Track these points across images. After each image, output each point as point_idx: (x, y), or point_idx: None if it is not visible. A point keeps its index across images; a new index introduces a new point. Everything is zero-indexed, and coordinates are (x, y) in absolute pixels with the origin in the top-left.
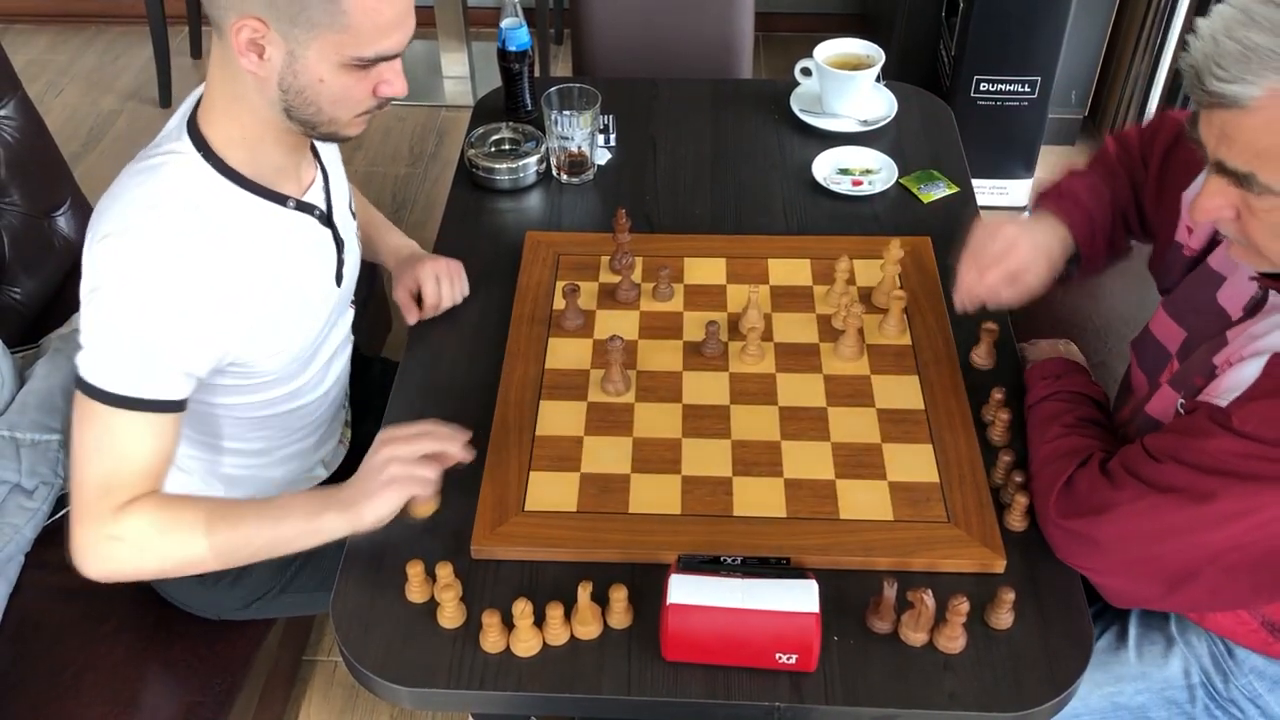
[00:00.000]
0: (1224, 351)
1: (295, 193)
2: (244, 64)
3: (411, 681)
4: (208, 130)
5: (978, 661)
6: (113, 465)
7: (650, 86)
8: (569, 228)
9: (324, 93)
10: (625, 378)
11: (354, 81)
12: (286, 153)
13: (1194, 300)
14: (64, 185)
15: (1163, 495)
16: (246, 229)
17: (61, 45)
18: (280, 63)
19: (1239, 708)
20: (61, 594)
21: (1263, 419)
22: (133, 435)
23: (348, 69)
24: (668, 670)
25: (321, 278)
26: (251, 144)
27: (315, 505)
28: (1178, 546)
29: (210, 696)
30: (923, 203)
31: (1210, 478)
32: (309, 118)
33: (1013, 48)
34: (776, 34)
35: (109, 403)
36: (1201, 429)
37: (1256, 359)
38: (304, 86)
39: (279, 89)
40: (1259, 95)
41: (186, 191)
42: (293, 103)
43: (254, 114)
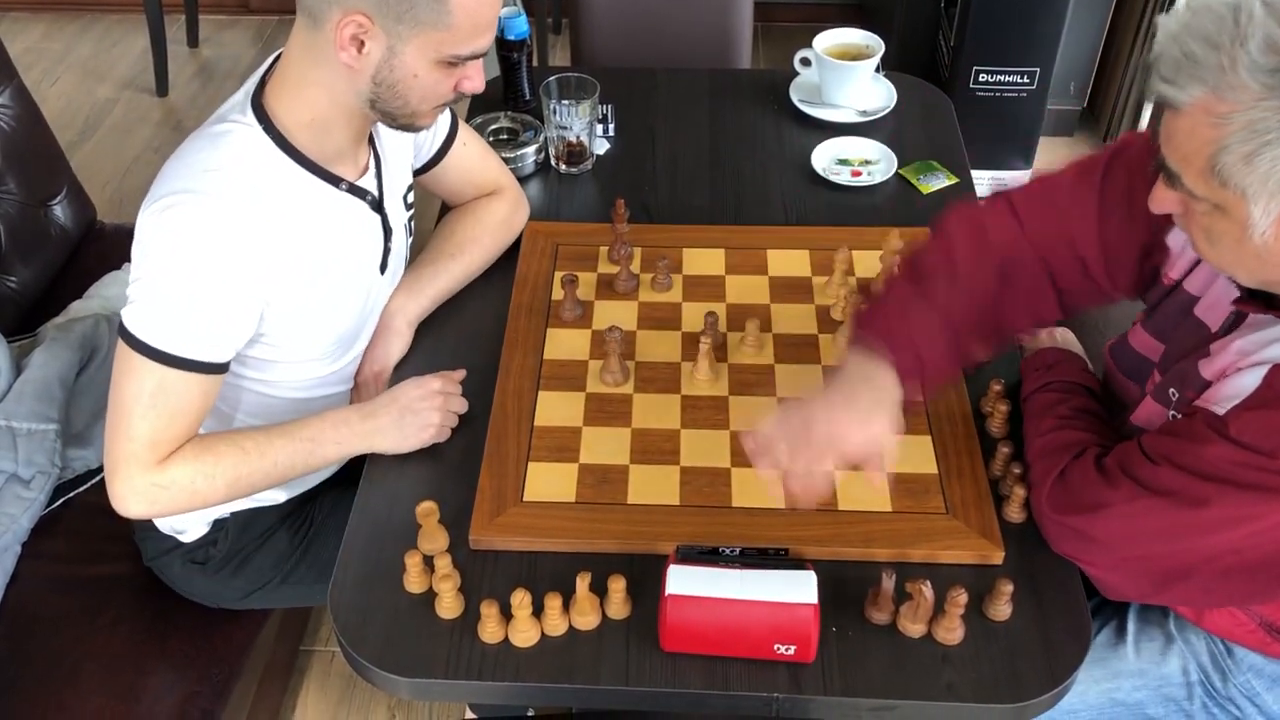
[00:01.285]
0: (1213, 364)
1: (351, 176)
2: (342, 57)
3: (409, 672)
4: (275, 107)
5: (976, 653)
6: (165, 422)
7: (649, 76)
8: (567, 218)
9: (415, 87)
10: (624, 368)
11: (443, 77)
12: (350, 138)
13: (1173, 317)
14: (60, 174)
15: (1157, 498)
16: (298, 205)
17: (57, 33)
18: (378, 57)
19: (1237, 706)
20: (59, 584)
21: (1260, 429)
22: (185, 394)
23: (440, 65)
24: (666, 661)
25: (367, 263)
26: (319, 127)
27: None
28: (1171, 548)
29: (208, 687)
30: (922, 194)
31: (1205, 484)
32: (394, 110)
33: (1012, 39)
34: (776, 24)
35: (163, 361)
36: (1198, 435)
37: (1256, 369)
38: (397, 80)
39: (371, 81)
40: (1188, 102)
41: (246, 161)
42: (382, 95)
43: (332, 100)
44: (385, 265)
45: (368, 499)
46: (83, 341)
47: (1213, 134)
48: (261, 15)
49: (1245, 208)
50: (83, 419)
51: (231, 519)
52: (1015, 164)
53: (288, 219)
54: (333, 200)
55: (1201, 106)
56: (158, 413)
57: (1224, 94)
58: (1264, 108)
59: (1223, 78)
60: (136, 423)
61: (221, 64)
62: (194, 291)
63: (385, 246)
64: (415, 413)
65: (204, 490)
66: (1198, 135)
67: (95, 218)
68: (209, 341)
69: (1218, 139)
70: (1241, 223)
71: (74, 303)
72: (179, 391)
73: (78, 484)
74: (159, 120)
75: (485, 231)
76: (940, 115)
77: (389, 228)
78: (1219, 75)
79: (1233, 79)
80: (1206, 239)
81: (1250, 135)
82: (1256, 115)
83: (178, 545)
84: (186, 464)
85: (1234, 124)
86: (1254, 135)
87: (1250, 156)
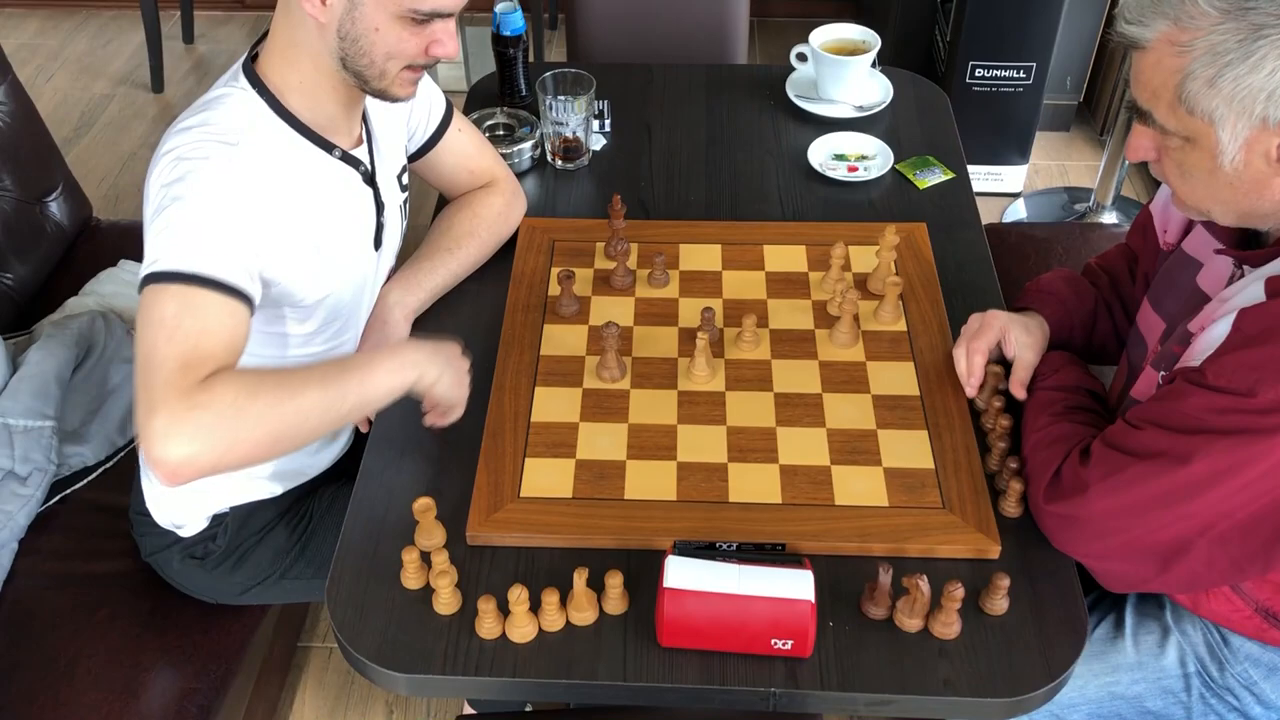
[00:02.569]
0: (1197, 319)
1: (344, 145)
2: (306, 8)
3: (407, 668)
4: (267, 73)
5: (972, 647)
6: (194, 341)
7: (645, 72)
8: (564, 214)
9: (378, 43)
10: (621, 364)
11: (408, 35)
12: (340, 106)
13: (1174, 287)
14: (55, 171)
15: (1143, 463)
16: (292, 166)
17: (52, 30)
18: (340, 9)
19: (1235, 695)
20: (56, 581)
21: (1235, 370)
22: (213, 313)
23: (403, 21)
24: (664, 656)
25: (359, 234)
26: (308, 90)
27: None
28: (1165, 518)
29: (205, 683)
30: (918, 189)
31: (1189, 437)
32: (362, 69)
33: (1008, 34)
34: (772, 19)
35: (188, 282)
36: (1178, 391)
37: (1226, 317)
38: (360, 34)
39: (337, 36)
40: (1152, 37)
41: (243, 120)
42: (348, 51)
43: (313, 61)
44: (379, 241)
45: (364, 495)
46: (79, 338)
47: (1177, 63)
48: (256, 10)
49: (1214, 134)
50: (79, 416)
51: (230, 514)
52: (1012, 159)
53: (283, 178)
54: (325, 165)
55: (1165, 39)
56: (184, 332)
57: (1185, 24)
58: (1222, 30)
59: (1182, 8)
60: (162, 348)
61: (217, 60)
62: (204, 216)
63: (378, 221)
64: (455, 369)
65: (248, 410)
66: (1163, 67)
67: (91, 214)
68: (229, 262)
69: (1182, 67)
70: (1211, 150)
71: (70, 299)
72: (201, 309)
73: (74, 480)
74: (154, 116)
75: (482, 225)
76: (937, 110)
77: (380, 202)
78: (1179, 7)
79: (1191, 8)
80: (1181, 175)
81: (1212, 59)
82: (1216, 39)
83: (176, 540)
84: (226, 380)
85: (1196, 50)
86: (1215, 58)
87: (1213, 80)
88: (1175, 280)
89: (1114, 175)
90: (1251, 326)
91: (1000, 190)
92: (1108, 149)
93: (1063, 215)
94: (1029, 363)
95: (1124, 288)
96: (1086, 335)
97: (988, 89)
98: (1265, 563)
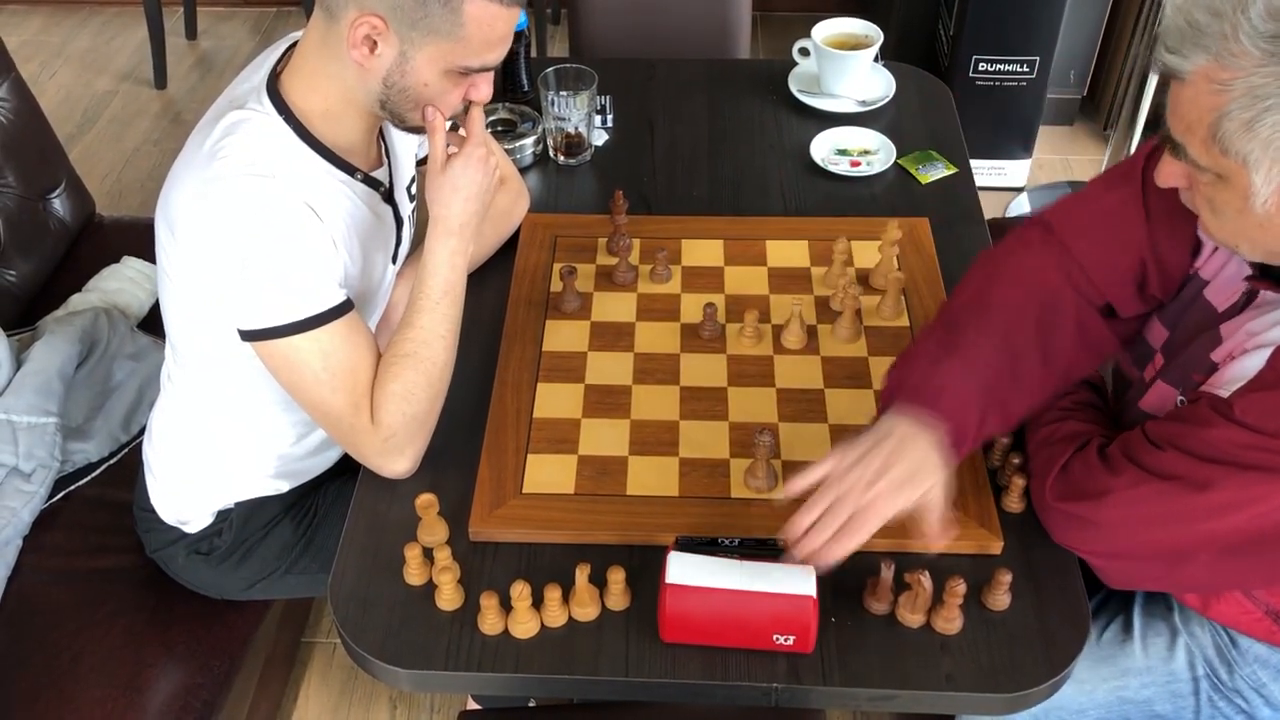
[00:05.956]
0: (1222, 347)
1: (364, 167)
2: (354, 55)
3: (410, 663)
4: (291, 95)
5: (974, 643)
6: (348, 381)
7: (647, 67)
8: (566, 209)
9: (424, 94)
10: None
11: (452, 86)
12: (362, 132)
13: (1179, 297)
14: (59, 167)
15: (1161, 482)
16: (319, 193)
17: (55, 27)
18: (390, 61)
19: (1244, 698)
20: (60, 577)
21: (1264, 410)
22: (345, 345)
23: (450, 75)
24: (666, 651)
25: (382, 253)
26: (334, 117)
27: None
28: (1173, 533)
29: (209, 678)
30: (921, 184)
31: (1210, 466)
32: (402, 113)
33: (1011, 28)
34: (774, 13)
35: (310, 328)
36: (1203, 418)
37: (1260, 351)
38: (408, 86)
39: (383, 84)
40: (1191, 70)
41: (266, 148)
42: (393, 98)
43: (342, 95)
44: (397, 256)
45: (367, 491)
46: (82, 335)
47: (1214, 101)
48: (259, 7)
49: (1247, 176)
50: (82, 412)
51: (235, 509)
52: (1015, 153)
53: (316, 204)
54: (350, 190)
55: (1204, 74)
56: (339, 378)
57: (1225, 61)
58: (1264, 74)
59: (1224, 45)
60: (331, 400)
61: (220, 56)
62: (282, 254)
63: (398, 236)
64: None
65: (419, 408)
66: (1200, 103)
67: (94, 211)
68: (322, 287)
69: (1219, 106)
70: (1243, 192)
71: (73, 296)
72: (338, 347)
73: (78, 477)
74: (157, 113)
75: (487, 223)
76: (939, 105)
77: (399, 219)
78: (1221, 43)
79: (1234, 46)
80: (1211, 211)
81: (1251, 101)
82: (1257, 81)
83: (182, 536)
84: (385, 405)
85: (1235, 90)
86: (1255, 101)
87: (1251, 123)
88: (1181, 290)
89: None
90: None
91: (1003, 185)
92: (1111, 143)
93: None
94: None
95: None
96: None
97: (991, 83)
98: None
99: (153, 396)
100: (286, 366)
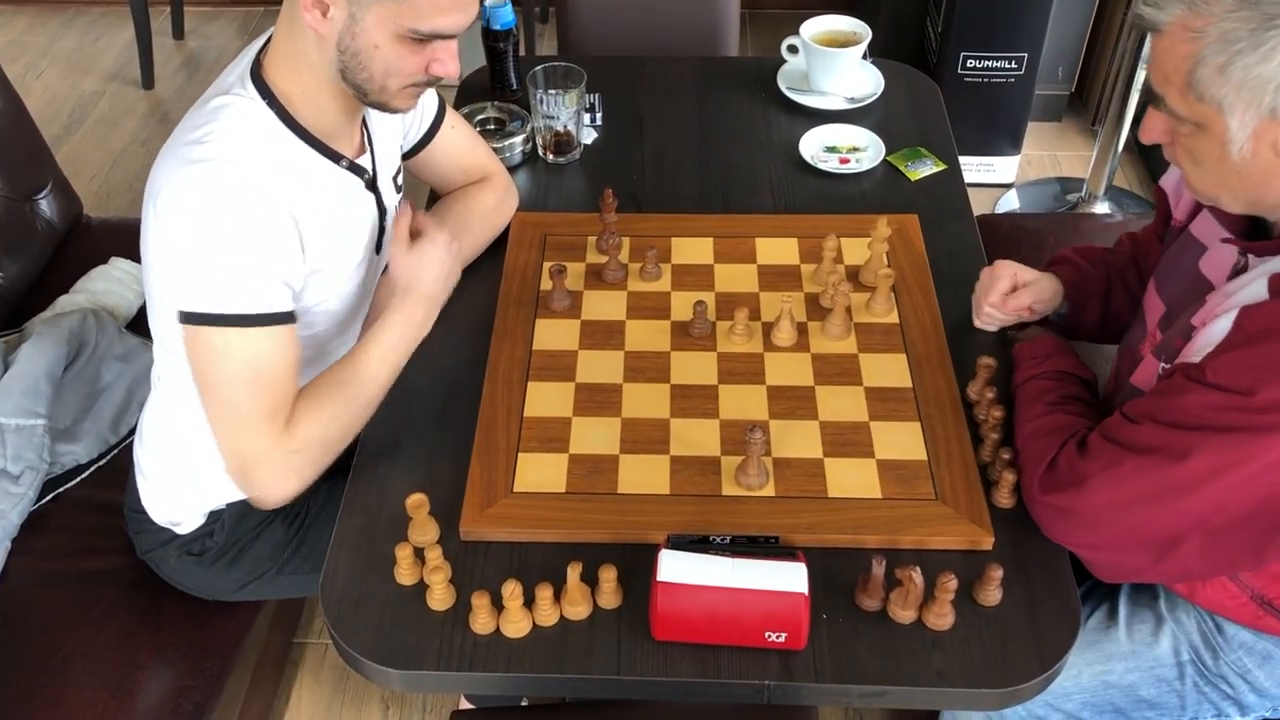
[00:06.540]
0: (1200, 312)
1: (348, 154)
2: (307, 19)
3: (401, 664)
4: (273, 80)
5: (966, 638)
6: (270, 388)
7: (636, 64)
8: (555, 208)
9: (377, 59)
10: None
11: (408, 53)
12: (343, 115)
13: (1177, 269)
14: (45, 168)
15: (1140, 457)
16: (302, 178)
17: (40, 27)
18: (341, 23)
19: (1229, 683)
20: (49, 579)
21: (1235, 369)
22: (275, 352)
23: (403, 40)
24: (657, 649)
25: (364, 241)
26: (311, 99)
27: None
28: (1160, 513)
29: (201, 679)
30: (910, 180)
31: (1187, 434)
32: (361, 83)
33: (999, 24)
34: (763, 11)
35: (241, 324)
36: (1177, 387)
37: (1227, 314)
38: (359, 49)
39: (337, 49)
40: (1167, 21)
41: (251, 133)
42: (348, 64)
43: (313, 71)
44: (380, 245)
45: (357, 492)
46: (70, 336)
47: (1189, 49)
48: (246, 6)
49: (1223, 121)
50: (70, 414)
51: (227, 510)
52: (1004, 149)
53: (294, 191)
54: (333, 176)
55: (1180, 24)
56: (262, 383)
57: (1199, 9)
58: (1234, 18)
59: None
60: (247, 403)
61: (207, 55)
62: (239, 247)
63: (380, 225)
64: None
65: (335, 434)
66: (1176, 52)
67: (81, 211)
68: (271, 290)
69: (1194, 53)
70: (1220, 138)
71: (61, 297)
72: (268, 352)
73: (67, 479)
74: (145, 113)
75: (475, 220)
76: (928, 101)
77: (383, 207)
78: None
79: None
80: (1192, 162)
81: (1223, 46)
82: (1228, 25)
83: (174, 537)
84: (308, 419)
85: (1208, 36)
86: (1226, 45)
87: (1224, 67)
88: (1178, 262)
89: (1106, 165)
90: (1252, 325)
91: (992, 181)
92: (1099, 139)
93: (1055, 206)
94: (1039, 289)
95: (1149, 260)
96: (1102, 304)
97: (979, 79)
98: (1258, 557)
99: (142, 397)
100: (211, 357)
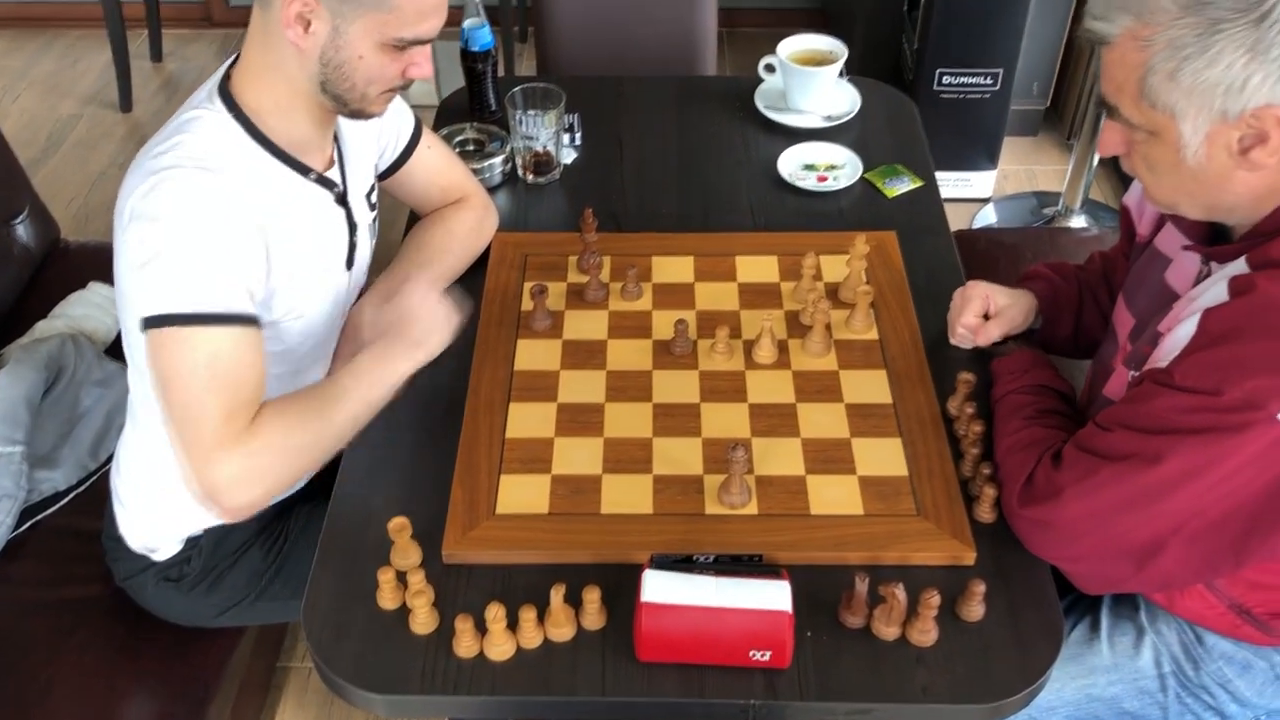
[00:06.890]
0: (1166, 319)
1: (318, 167)
2: (289, 35)
3: (385, 688)
4: (241, 95)
5: (950, 654)
6: (231, 385)
7: (615, 84)
8: (535, 228)
9: (360, 69)
10: (744, 487)
11: (389, 61)
12: (314, 127)
13: (1144, 282)
14: (22, 192)
15: (1115, 465)
16: (269, 191)
17: (17, 50)
18: (324, 37)
19: (1210, 693)
20: (28, 608)
21: (1201, 370)
22: (236, 353)
23: (385, 49)
24: (642, 670)
25: (333, 256)
26: (283, 112)
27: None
28: (1137, 519)
29: (183, 706)
30: (887, 197)
31: (1158, 438)
32: (342, 93)
33: (974, 41)
34: (740, 30)
35: (202, 323)
36: (1146, 393)
37: (1191, 318)
38: (343, 61)
39: (319, 62)
40: (1117, 33)
41: (218, 145)
42: (330, 77)
43: (289, 84)
44: (352, 262)
45: (339, 516)
46: (48, 361)
47: (1140, 57)
48: (225, 28)
49: (1176, 128)
50: (49, 441)
51: (205, 536)
52: (980, 164)
53: (260, 203)
54: (301, 189)
55: (1129, 34)
56: (221, 381)
57: (1146, 19)
58: (1181, 25)
59: (1144, 4)
60: (206, 401)
61: (186, 78)
62: (200, 248)
63: (351, 241)
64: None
65: (297, 443)
66: (1127, 62)
67: (59, 236)
68: (232, 291)
69: (1144, 61)
70: (1175, 144)
71: (39, 323)
72: (229, 351)
73: (45, 506)
74: (123, 136)
75: (455, 240)
76: (904, 118)
77: (353, 222)
78: (1141, 2)
79: (1152, 3)
80: (1149, 170)
81: (1172, 53)
82: (1175, 33)
83: (151, 564)
84: (270, 423)
85: (1156, 44)
86: (1175, 52)
87: (1173, 73)
88: (1145, 276)
89: (1082, 179)
90: (1216, 326)
91: (969, 196)
92: (1075, 153)
93: (1032, 220)
94: (1010, 318)
95: (1118, 276)
96: (1074, 318)
97: (956, 96)
98: (1237, 559)
99: (121, 422)
100: (170, 357)
